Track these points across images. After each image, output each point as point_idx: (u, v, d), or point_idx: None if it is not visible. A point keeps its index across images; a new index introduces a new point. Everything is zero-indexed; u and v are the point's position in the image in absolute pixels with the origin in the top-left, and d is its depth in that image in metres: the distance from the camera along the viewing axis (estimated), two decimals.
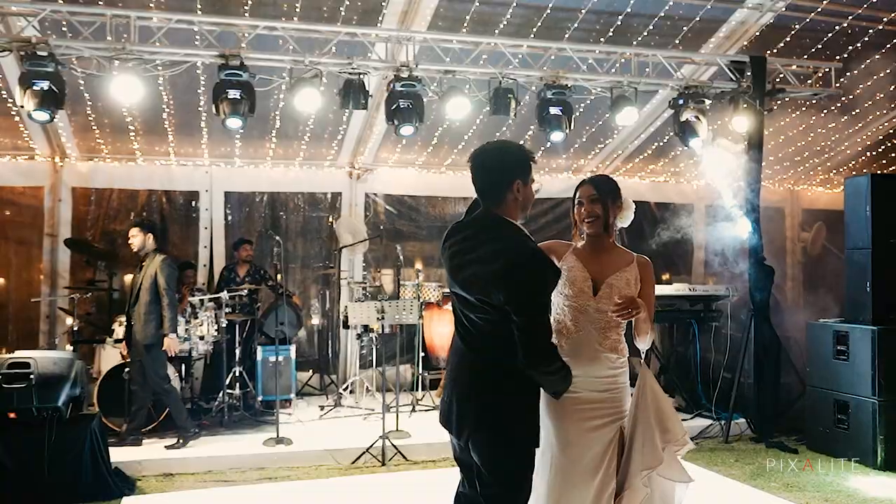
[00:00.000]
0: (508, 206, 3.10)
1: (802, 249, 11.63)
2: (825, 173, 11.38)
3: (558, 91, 7.39)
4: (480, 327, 3.05)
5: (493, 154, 3.15)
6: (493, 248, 3.00)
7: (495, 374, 3.00)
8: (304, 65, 6.90)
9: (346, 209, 9.84)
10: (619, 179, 3.61)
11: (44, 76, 6.26)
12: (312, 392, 9.54)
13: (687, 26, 7.80)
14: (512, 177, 3.09)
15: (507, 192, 3.08)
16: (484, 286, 2.98)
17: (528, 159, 3.14)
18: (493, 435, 2.98)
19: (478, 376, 3.05)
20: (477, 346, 3.08)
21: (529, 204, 3.17)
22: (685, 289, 8.49)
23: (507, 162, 3.13)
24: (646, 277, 3.48)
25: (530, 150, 3.25)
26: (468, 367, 3.10)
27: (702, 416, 8.05)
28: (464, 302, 3.10)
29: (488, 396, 3.00)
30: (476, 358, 3.07)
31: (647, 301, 3.43)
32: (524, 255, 2.97)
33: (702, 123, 7.76)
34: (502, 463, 3.00)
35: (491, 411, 2.98)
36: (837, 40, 8.15)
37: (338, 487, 6.12)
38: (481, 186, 3.15)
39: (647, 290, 3.48)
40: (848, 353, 6.90)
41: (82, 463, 5.64)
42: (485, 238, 3.06)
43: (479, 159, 3.14)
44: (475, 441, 3.02)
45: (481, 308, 3.01)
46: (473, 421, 3.01)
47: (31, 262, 8.96)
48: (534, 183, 3.18)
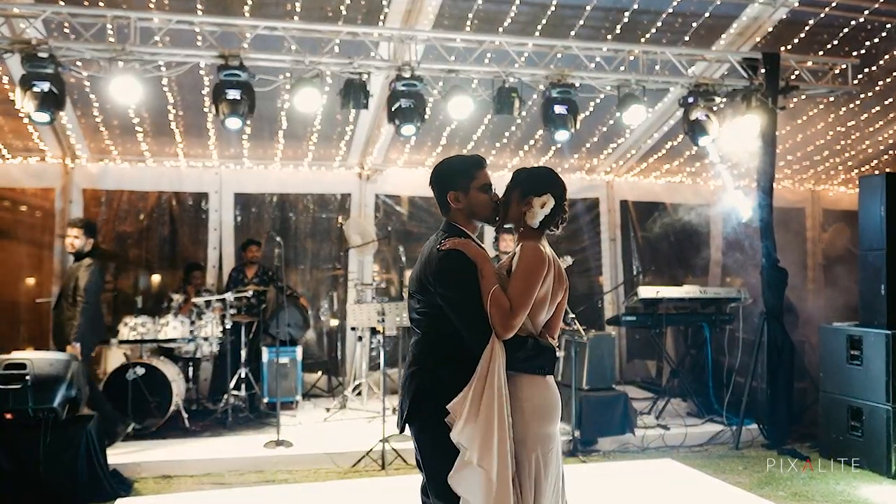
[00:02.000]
0: (455, 214, 3.33)
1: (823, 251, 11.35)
2: (846, 173, 11.09)
3: (564, 90, 7.25)
4: (422, 323, 3.25)
5: (434, 170, 3.41)
6: (430, 251, 3.24)
7: (432, 367, 3.17)
8: (305, 65, 6.85)
9: (356, 210, 9.80)
10: (634, 180, 3.48)
11: (44, 77, 6.29)
12: (321, 394, 9.51)
13: (697, 22, 7.63)
14: (446, 188, 3.32)
15: (447, 202, 3.32)
16: (419, 286, 3.23)
17: (461, 169, 3.32)
18: (425, 423, 3.14)
19: (418, 372, 3.21)
20: (420, 343, 3.27)
21: (479, 210, 3.31)
22: (696, 291, 8.31)
23: (441, 176, 3.36)
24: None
25: (475, 156, 3.38)
26: (411, 363, 3.27)
27: (713, 421, 7.87)
28: (411, 302, 3.34)
29: (423, 388, 3.16)
30: (418, 354, 3.25)
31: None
32: (452, 257, 3.11)
33: (712, 122, 7.58)
34: (434, 452, 3.12)
35: (427, 400, 3.12)
36: (854, 36, 7.91)
37: (334, 491, 6.06)
38: (437, 201, 3.43)
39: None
40: (862, 358, 6.70)
41: (78, 464, 5.63)
42: (432, 244, 3.29)
43: (429, 180, 3.42)
44: (412, 431, 3.22)
45: (420, 307, 3.23)
46: (409, 411, 3.18)
47: (41, 263, 9.02)
48: (489, 188, 3.32)
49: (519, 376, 3.15)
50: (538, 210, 3.22)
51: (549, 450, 3.15)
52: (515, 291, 3.11)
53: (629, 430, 7.40)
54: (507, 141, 9.38)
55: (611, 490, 6.12)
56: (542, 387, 3.18)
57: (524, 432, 3.11)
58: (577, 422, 7.18)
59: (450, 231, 3.28)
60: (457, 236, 3.22)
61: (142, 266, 9.38)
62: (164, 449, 6.88)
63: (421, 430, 3.19)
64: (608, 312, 10.06)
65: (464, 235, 3.26)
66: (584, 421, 7.23)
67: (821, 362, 7.26)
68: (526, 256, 3.19)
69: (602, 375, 7.55)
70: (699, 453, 7.22)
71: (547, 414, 3.15)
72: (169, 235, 9.45)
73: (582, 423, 7.22)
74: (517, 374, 3.13)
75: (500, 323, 3.04)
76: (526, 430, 3.11)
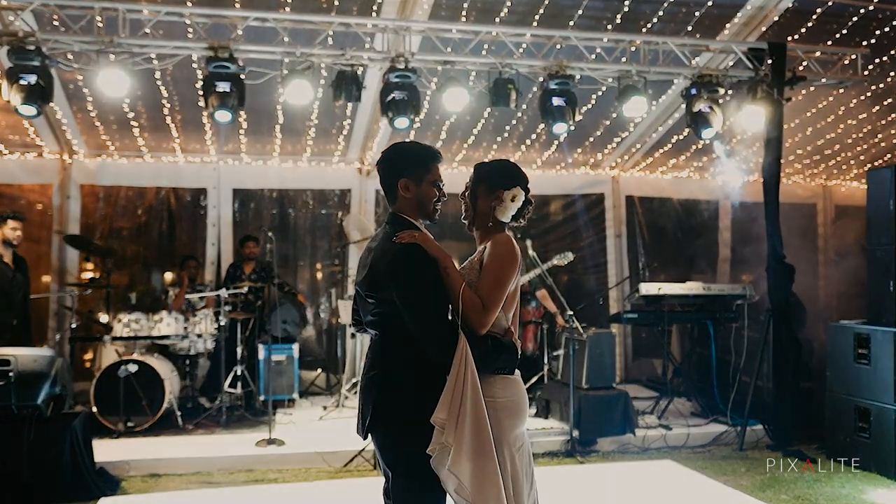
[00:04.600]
0: (402, 205, 3.10)
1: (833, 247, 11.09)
2: (859, 167, 10.80)
3: (562, 81, 7.08)
4: (379, 325, 3.03)
5: (385, 154, 3.17)
6: (383, 246, 2.99)
7: (387, 369, 2.98)
8: (296, 56, 6.72)
9: (356, 206, 9.67)
10: (640, 175, 3.33)
11: (31, 70, 6.20)
12: (319, 392, 9.39)
13: (700, 12, 7.42)
14: (398, 176, 3.08)
15: (396, 191, 3.09)
16: (373, 284, 2.99)
17: (420, 158, 3.11)
18: (389, 430, 2.96)
19: (375, 373, 3.01)
20: (378, 345, 3.07)
21: (427, 203, 3.11)
22: (699, 288, 8.11)
23: (397, 160, 3.13)
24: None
25: (433, 148, 3.19)
26: (370, 367, 3.05)
27: (717, 421, 7.67)
28: (362, 302, 3.10)
29: (385, 395, 2.95)
30: (376, 358, 3.04)
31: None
32: (408, 251, 2.91)
33: (716, 114, 7.37)
34: (396, 458, 2.96)
35: (388, 408, 2.94)
36: (864, 25, 7.67)
37: (323, 491, 5.94)
38: (382, 186, 3.19)
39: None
40: (869, 357, 6.47)
41: (62, 462, 5.55)
42: (380, 237, 3.08)
43: (378, 160, 3.18)
44: (375, 438, 3.03)
45: (376, 306, 3.00)
46: (371, 421, 2.98)
47: (40, 259, 8.96)
48: (440, 185, 3.13)
49: (491, 375, 3.02)
50: (509, 203, 3.14)
51: (521, 448, 3.06)
52: (488, 286, 2.99)
53: (630, 431, 7.22)
54: (508, 135, 9.21)
55: (603, 491, 5.97)
56: (512, 386, 3.06)
57: (498, 432, 2.98)
58: (576, 421, 7.01)
59: (399, 224, 3.05)
60: (408, 229, 3.01)
61: (139, 262, 9.32)
62: (155, 447, 6.78)
63: (385, 437, 2.99)
64: (613, 310, 9.86)
65: (415, 228, 3.05)
66: (583, 421, 7.06)
67: (828, 361, 7.04)
68: (500, 250, 3.06)
69: (602, 374, 7.39)
70: (702, 454, 7.03)
71: (518, 412, 3.06)
72: (167, 231, 9.38)
73: (581, 422, 7.05)
74: (485, 374, 2.99)
75: (476, 321, 2.93)
76: (500, 430, 2.99)
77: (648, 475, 6.40)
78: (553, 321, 8.38)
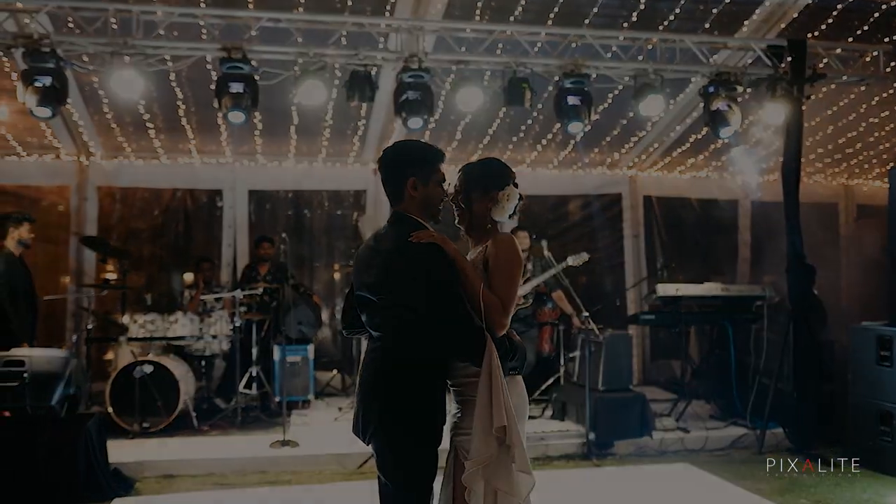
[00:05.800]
0: (409, 204, 3.04)
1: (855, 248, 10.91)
2: (881, 166, 10.63)
3: (577, 80, 7.01)
4: (386, 327, 2.96)
5: (390, 152, 3.11)
6: (390, 246, 2.95)
7: (395, 373, 2.90)
8: (309, 57, 6.70)
9: (372, 207, 9.64)
10: (657, 175, 3.28)
11: (46, 72, 6.23)
12: (335, 393, 9.36)
13: (718, 9, 7.32)
14: (405, 175, 3.02)
15: (403, 190, 3.03)
16: (387, 284, 2.92)
17: (428, 158, 3.06)
18: (390, 438, 2.91)
19: (381, 377, 2.94)
20: (377, 351, 3.00)
21: (434, 204, 3.07)
22: (717, 289, 7.99)
23: (402, 160, 3.07)
24: None
25: (436, 147, 3.13)
26: (371, 369, 2.99)
27: (736, 424, 7.55)
28: (366, 304, 3.01)
29: (388, 399, 2.90)
30: (378, 359, 2.98)
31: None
32: (431, 252, 2.86)
33: (734, 113, 7.26)
34: (396, 466, 2.94)
35: (389, 413, 2.89)
36: (887, 21, 7.53)
37: (337, 493, 5.90)
38: (384, 185, 3.12)
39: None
40: (892, 360, 6.35)
41: (76, 463, 5.54)
42: (385, 237, 3.02)
43: (381, 158, 3.12)
44: (375, 444, 2.97)
45: (386, 307, 2.93)
46: (374, 428, 2.94)
47: (57, 260, 9.03)
48: (444, 183, 3.10)
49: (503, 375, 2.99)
50: (505, 203, 3.13)
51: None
52: (503, 286, 2.97)
53: (647, 433, 7.13)
54: (524, 135, 9.15)
55: (619, 494, 5.90)
56: (517, 386, 3.06)
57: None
58: (592, 424, 6.92)
59: (407, 223, 2.98)
60: (417, 229, 2.95)
61: (156, 263, 9.35)
62: (169, 448, 6.79)
63: (386, 444, 2.93)
64: (631, 311, 9.76)
65: (417, 226, 2.98)
66: (599, 423, 6.97)
67: (849, 363, 6.92)
68: (506, 249, 3.03)
69: (618, 376, 7.31)
70: (720, 458, 6.92)
71: (522, 412, 3.06)
72: (183, 232, 9.42)
73: (597, 425, 6.96)
74: None
75: (497, 321, 2.90)
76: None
77: (665, 478, 6.31)
78: (569, 322, 8.31)
